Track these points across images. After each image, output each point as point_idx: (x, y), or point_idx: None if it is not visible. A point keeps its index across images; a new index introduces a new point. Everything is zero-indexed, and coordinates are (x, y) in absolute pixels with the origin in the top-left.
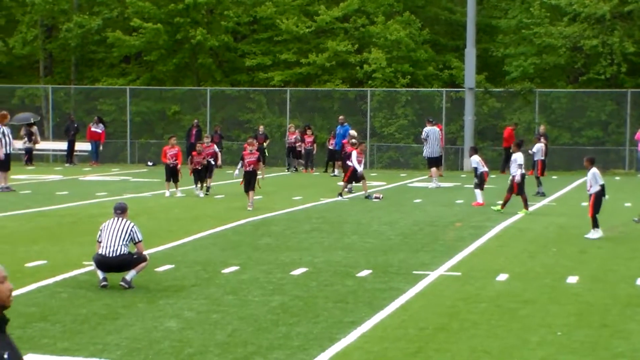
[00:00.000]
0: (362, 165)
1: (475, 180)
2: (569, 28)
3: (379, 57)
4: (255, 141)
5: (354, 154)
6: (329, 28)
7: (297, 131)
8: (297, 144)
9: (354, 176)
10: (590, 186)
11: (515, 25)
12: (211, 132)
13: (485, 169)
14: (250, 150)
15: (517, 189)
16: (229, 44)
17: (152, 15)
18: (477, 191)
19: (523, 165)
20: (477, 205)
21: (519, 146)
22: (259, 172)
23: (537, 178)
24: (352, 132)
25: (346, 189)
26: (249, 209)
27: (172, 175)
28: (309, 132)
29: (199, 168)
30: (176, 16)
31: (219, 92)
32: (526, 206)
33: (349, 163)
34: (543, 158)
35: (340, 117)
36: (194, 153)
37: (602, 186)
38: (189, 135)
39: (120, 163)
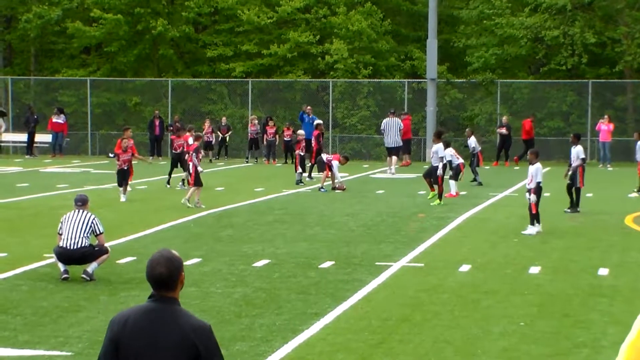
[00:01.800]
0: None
1: (451, 172)
2: (530, 19)
3: (340, 48)
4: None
5: (335, 163)
6: (290, 19)
7: (257, 123)
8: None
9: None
10: (531, 180)
11: (476, 16)
12: (172, 123)
13: (461, 160)
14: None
15: (438, 179)
16: (190, 35)
17: (112, 6)
18: (452, 182)
19: (445, 157)
20: (450, 196)
21: (439, 137)
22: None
23: (475, 170)
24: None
25: (337, 180)
26: (196, 205)
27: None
28: (270, 123)
29: (125, 168)
30: (136, 7)
31: (180, 83)
32: (440, 197)
33: (327, 157)
34: (480, 148)
35: (308, 107)
36: (117, 150)
37: (539, 183)
38: (151, 126)
39: (81, 155)
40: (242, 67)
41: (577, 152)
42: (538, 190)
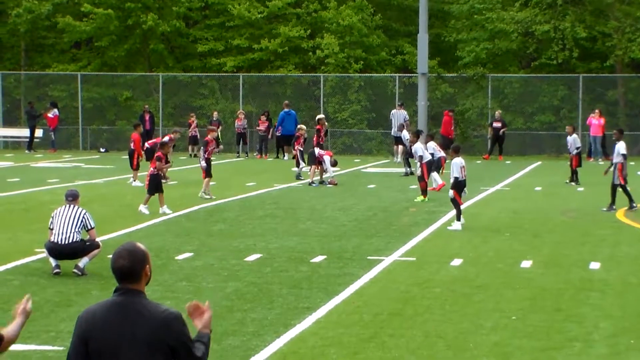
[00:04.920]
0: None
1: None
2: (521, 13)
3: (331, 42)
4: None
5: (327, 158)
6: (281, 13)
7: (244, 117)
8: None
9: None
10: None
11: (467, 10)
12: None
13: (442, 154)
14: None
15: (424, 174)
16: (181, 30)
17: (102, 1)
18: (434, 174)
19: (424, 157)
20: (433, 190)
21: (417, 136)
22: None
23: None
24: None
25: (329, 175)
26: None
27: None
28: (262, 118)
29: (162, 174)
30: (127, 1)
31: (171, 78)
32: (424, 194)
33: (319, 152)
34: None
35: (285, 102)
36: (159, 154)
37: (456, 178)
38: (142, 121)
39: (72, 149)
40: (233, 62)
41: (618, 148)
42: (456, 185)
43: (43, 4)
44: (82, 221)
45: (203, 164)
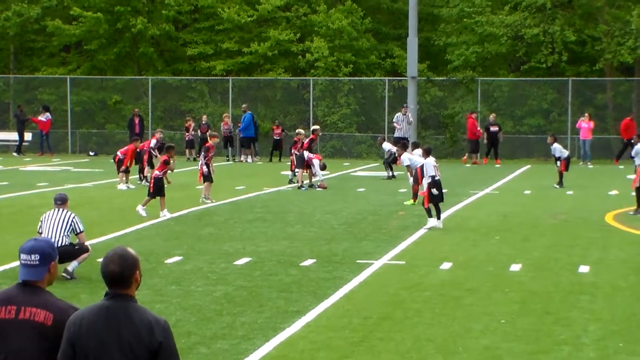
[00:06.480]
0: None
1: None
2: (511, 17)
3: (321, 46)
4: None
5: (316, 162)
6: (270, 17)
7: (229, 121)
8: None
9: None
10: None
11: (457, 14)
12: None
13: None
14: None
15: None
16: (170, 33)
17: (92, 4)
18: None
19: (412, 165)
20: (422, 194)
21: (404, 148)
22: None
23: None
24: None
25: (318, 178)
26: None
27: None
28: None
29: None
30: (116, 5)
31: (160, 81)
32: (414, 197)
33: (308, 155)
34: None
35: (244, 105)
36: (166, 157)
37: (432, 177)
38: (131, 125)
39: (61, 153)
40: (222, 65)
41: (637, 150)
42: (433, 184)
43: (32, 7)
44: (71, 225)
45: (204, 169)
